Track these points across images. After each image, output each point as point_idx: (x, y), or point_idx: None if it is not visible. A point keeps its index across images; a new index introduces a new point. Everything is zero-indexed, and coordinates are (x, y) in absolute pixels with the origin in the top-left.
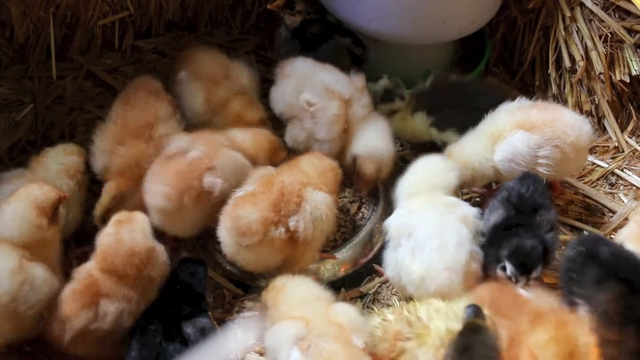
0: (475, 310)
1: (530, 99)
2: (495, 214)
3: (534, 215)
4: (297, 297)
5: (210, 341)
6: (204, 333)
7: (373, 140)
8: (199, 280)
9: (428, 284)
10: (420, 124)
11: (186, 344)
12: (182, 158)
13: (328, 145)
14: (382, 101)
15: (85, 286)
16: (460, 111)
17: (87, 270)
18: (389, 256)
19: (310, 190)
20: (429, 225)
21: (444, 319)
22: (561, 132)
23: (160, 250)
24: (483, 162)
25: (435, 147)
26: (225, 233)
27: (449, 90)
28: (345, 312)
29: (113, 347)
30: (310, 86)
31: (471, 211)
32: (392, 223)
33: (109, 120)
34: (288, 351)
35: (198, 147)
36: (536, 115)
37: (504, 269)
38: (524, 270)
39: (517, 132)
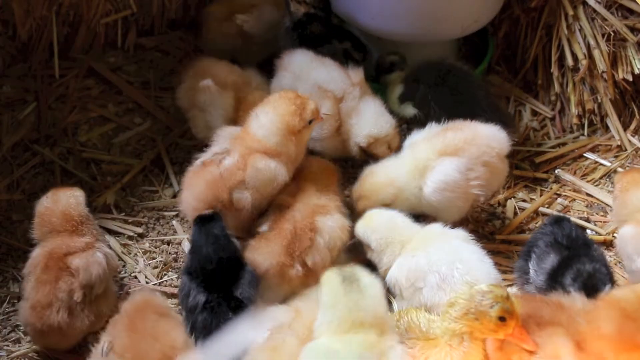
0: None
1: (533, 97)
2: (548, 259)
3: (590, 250)
4: None
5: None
6: (252, 285)
7: (370, 125)
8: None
9: None
10: (394, 94)
11: (242, 307)
12: (215, 168)
13: (320, 143)
14: (385, 72)
15: (45, 264)
16: (430, 88)
17: (35, 257)
18: (404, 306)
19: (322, 219)
20: (445, 256)
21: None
22: (485, 146)
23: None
24: (409, 184)
25: None
26: None
27: (430, 68)
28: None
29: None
30: (304, 83)
31: (463, 232)
32: (398, 275)
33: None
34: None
35: (232, 155)
36: (454, 138)
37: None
38: (589, 291)
39: (444, 160)
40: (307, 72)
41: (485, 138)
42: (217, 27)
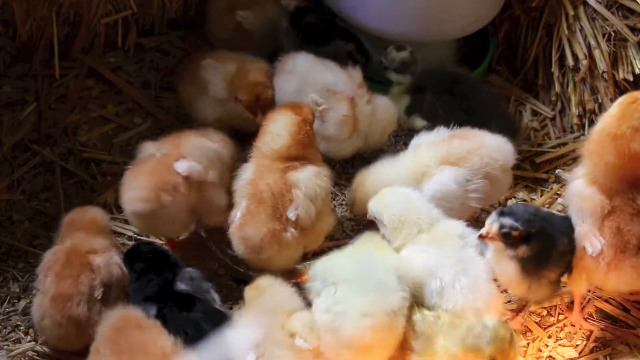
0: None
1: (534, 97)
2: None
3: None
4: (270, 304)
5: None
6: (194, 279)
7: (386, 121)
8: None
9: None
10: (401, 105)
11: (193, 301)
12: (150, 160)
13: (337, 144)
14: (394, 70)
15: (67, 259)
16: (436, 96)
17: (54, 252)
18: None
19: (294, 173)
20: (454, 264)
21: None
22: (488, 158)
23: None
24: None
25: None
26: (244, 254)
27: (435, 75)
28: (301, 317)
29: None
30: (312, 86)
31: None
32: (408, 268)
33: None
34: (245, 353)
35: (164, 147)
36: (459, 147)
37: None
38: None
39: (444, 169)
40: (314, 75)
41: (490, 149)
42: (218, 19)
